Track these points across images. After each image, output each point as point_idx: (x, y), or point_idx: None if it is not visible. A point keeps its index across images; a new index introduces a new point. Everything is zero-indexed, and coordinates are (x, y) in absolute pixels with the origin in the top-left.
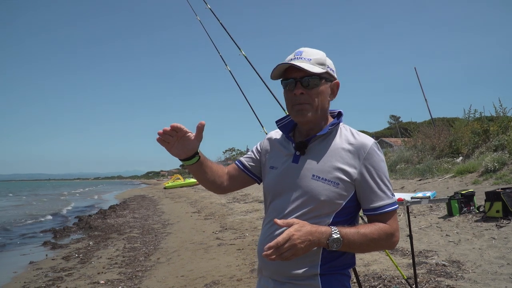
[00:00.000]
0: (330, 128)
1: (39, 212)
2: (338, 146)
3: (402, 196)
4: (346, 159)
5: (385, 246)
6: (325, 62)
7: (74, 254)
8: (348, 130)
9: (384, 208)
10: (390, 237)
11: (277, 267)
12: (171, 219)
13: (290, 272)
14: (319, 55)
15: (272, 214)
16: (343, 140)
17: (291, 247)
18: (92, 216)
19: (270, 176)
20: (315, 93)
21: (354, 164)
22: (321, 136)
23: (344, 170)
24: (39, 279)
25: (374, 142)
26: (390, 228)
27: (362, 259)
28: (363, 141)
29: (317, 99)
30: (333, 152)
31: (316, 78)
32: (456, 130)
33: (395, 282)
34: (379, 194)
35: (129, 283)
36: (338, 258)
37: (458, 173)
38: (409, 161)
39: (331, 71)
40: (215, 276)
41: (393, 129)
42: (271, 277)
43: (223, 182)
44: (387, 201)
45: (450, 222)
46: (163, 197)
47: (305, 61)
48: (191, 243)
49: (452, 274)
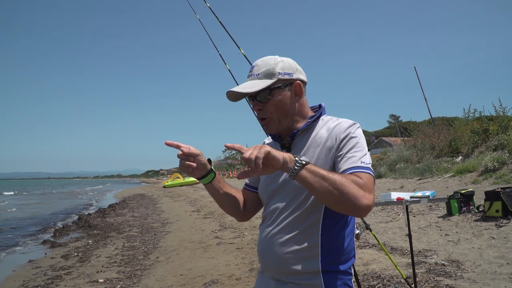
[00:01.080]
0: (309, 121)
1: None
2: (320, 134)
3: (401, 195)
4: (328, 144)
5: (351, 194)
6: (274, 71)
7: (73, 253)
8: (329, 118)
9: (352, 169)
10: (360, 186)
11: (278, 266)
12: (170, 218)
13: (291, 269)
14: (268, 66)
15: (269, 214)
16: (324, 129)
17: (253, 149)
18: (92, 214)
19: (262, 179)
20: (271, 105)
21: (332, 144)
22: (303, 130)
23: (327, 154)
24: (38, 277)
25: (353, 122)
26: (361, 180)
27: (361, 258)
28: (342, 122)
29: (275, 110)
30: (316, 141)
31: (266, 92)
32: (455, 129)
33: (394, 282)
34: (347, 160)
35: (128, 282)
36: (338, 252)
37: (458, 173)
38: (409, 160)
39: (285, 75)
40: (214, 275)
41: (393, 129)
42: (273, 277)
43: (244, 207)
44: (355, 164)
45: (450, 221)
46: (163, 196)
47: (254, 78)
48: (190, 242)
49: (452, 274)
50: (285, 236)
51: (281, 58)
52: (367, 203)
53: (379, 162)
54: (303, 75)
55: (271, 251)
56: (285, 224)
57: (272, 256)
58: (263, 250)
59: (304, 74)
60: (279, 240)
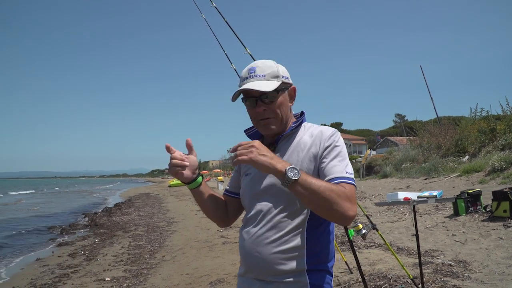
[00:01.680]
0: (293, 126)
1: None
2: (303, 140)
3: (408, 195)
4: (309, 149)
5: (341, 205)
6: (278, 74)
7: (80, 251)
8: (311, 125)
9: (337, 179)
10: (347, 199)
11: (264, 266)
12: (176, 217)
13: (277, 269)
14: (271, 68)
15: (253, 216)
16: (306, 134)
17: (249, 147)
18: (98, 213)
19: (245, 182)
20: (276, 106)
21: (316, 150)
22: (287, 135)
23: (309, 158)
24: (46, 275)
25: (335, 130)
26: (347, 191)
27: (367, 258)
28: (324, 129)
29: (279, 111)
30: (299, 146)
31: (274, 93)
32: (462, 129)
33: (401, 282)
34: (332, 168)
35: (135, 280)
36: (322, 252)
37: (465, 172)
38: (415, 160)
39: (285, 79)
40: (220, 274)
41: (398, 128)
42: (257, 277)
43: (226, 213)
44: (341, 174)
45: (457, 221)
46: (168, 195)
47: (260, 78)
48: (196, 241)
49: (459, 274)
50: (271, 237)
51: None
52: (353, 214)
53: (384, 161)
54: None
55: (256, 252)
56: (271, 225)
57: (257, 256)
58: (248, 251)
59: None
60: (265, 241)
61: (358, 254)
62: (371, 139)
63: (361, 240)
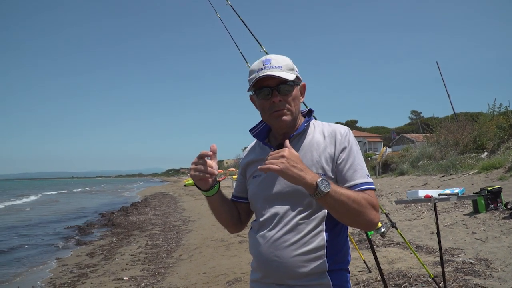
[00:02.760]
0: (305, 125)
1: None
2: (315, 139)
3: (429, 193)
4: (324, 149)
5: (368, 214)
6: (293, 67)
7: (98, 251)
8: (320, 123)
9: (360, 186)
10: (373, 207)
11: (284, 270)
12: (191, 216)
13: (299, 272)
14: (286, 61)
15: (268, 219)
16: (318, 133)
17: (280, 157)
18: (115, 213)
19: (254, 184)
20: (291, 98)
21: (332, 151)
22: (298, 135)
23: (325, 158)
24: (65, 275)
25: (348, 129)
26: (372, 199)
27: (386, 257)
28: (337, 128)
29: (293, 103)
30: (312, 146)
31: (290, 84)
32: (480, 125)
33: (421, 281)
34: (353, 173)
35: (152, 279)
36: (341, 252)
37: (483, 169)
38: (432, 157)
39: (298, 74)
40: (237, 273)
41: (415, 125)
42: (276, 282)
43: (239, 218)
44: (363, 179)
45: (476, 219)
46: (184, 194)
47: (277, 69)
48: (212, 240)
49: (480, 273)
50: (290, 239)
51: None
52: (377, 221)
53: (401, 159)
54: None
55: (275, 256)
56: (289, 228)
57: (276, 261)
58: (266, 255)
59: None
60: (284, 244)
61: (377, 253)
62: (387, 136)
63: (379, 238)
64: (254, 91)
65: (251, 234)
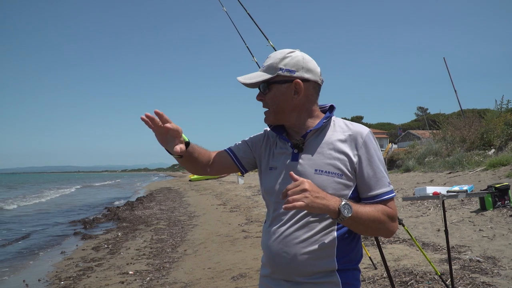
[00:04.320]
0: (324, 121)
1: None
2: (335, 137)
3: (437, 190)
4: (344, 149)
5: (387, 227)
6: (276, 66)
7: (103, 245)
8: (341, 121)
9: (383, 196)
10: (392, 219)
11: (294, 266)
12: (197, 211)
13: (307, 269)
14: (273, 60)
15: (280, 214)
16: (338, 131)
17: (302, 191)
18: (120, 207)
19: (271, 177)
20: (269, 98)
21: (352, 153)
22: (316, 130)
23: (344, 160)
24: (70, 268)
25: (369, 131)
26: (392, 211)
27: (391, 253)
28: (358, 130)
29: (273, 103)
30: (331, 144)
31: (265, 85)
32: (487, 121)
33: (428, 278)
34: (377, 181)
35: (157, 274)
36: (352, 252)
37: (491, 166)
38: (438, 153)
39: (285, 72)
40: (242, 268)
41: (421, 121)
42: (286, 278)
43: (207, 169)
44: (386, 188)
45: (483, 216)
46: (189, 189)
47: (260, 69)
48: (217, 235)
49: (488, 271)
50: (300, 236)
51: (294, 53)
52: (395, 231)
53: (407, 155)
54: (311, 74)
55: (284, 252)
56: (301, 224)
57: (285, 257)
58: (275, 251)
59: (313, 73)
60: (294, 241)
61: (383, 250)
62: (392, 132)
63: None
64: None
65: (264, 227)
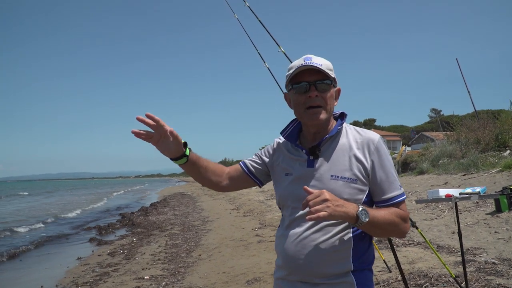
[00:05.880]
0: (338, 128)
1: None
2: (348, 144)
3: (450, 192)
4: (357, 155)
5: (400, 229)
6: (332, 68)
7: (119, 250)
8: (352, 128)
9: (395, 199)
10: (404, 221)
11: (310, 268)
12: (210, 216)
13: (324, 271)
14: (325, 62)
15: (298, 217)
16: (350, 138)
17: (323, 201)
18: (135, 213)
19: (286, 182)
20: (328, 96)
21: (365, 158)
22: (331, 137)
23: (358, 165)
24: (87, 274)
25: (380, 137)
26: (404, 213)
27: (406, 256)
28: (370, 136)
29: (329, 101)
30: (345, 150)
31: (329, 82)
32: (502, 122)
33: (442, 281)
34: (389, 185)
35: (173, 279)
36: (366, 253)
37: (506, 168)
38: (452, 155)
39: (336, 78)
40: (256, 273)
41: (434, 123)
42: (301, 280)
43: (221, 182)
44: (398, 191)
45: (499, 218)
46: (202, 194)
47: (318, 66)
48: (231, 240)
49: (503, 273)
50: (318, 239)
51: None
52: (407, 232)
53: (421, 158)
54: None
55: (302, 254)
56: (318, 228)
57: (302, 259)
58: (292, 253)
59: None
60: (311, 243)
61: (397, 253)
62: (406, 135)
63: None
64: (291, 85)
65: (279, 231)
